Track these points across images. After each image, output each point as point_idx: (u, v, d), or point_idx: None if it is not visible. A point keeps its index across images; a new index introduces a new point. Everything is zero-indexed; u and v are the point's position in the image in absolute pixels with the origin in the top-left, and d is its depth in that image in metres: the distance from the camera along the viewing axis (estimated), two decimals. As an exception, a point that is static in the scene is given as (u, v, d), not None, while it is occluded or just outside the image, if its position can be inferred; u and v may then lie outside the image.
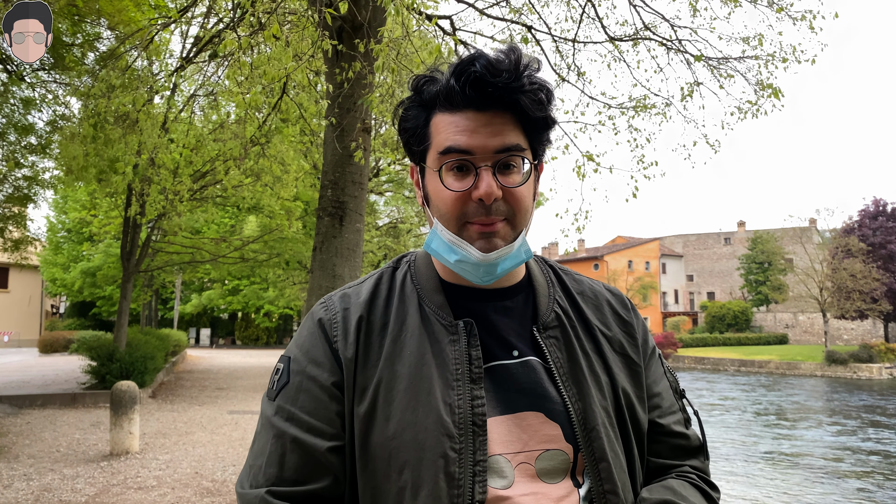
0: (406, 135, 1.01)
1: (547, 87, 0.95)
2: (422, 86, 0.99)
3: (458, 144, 0.93)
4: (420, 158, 1.01)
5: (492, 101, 0.93)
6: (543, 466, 0.94)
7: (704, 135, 8.78)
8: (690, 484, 1.03)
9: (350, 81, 4.99)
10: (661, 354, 1.15)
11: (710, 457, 1.13)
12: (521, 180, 0.96)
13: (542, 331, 1.01)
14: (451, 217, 0.96)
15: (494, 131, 0.93)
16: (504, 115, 0.94)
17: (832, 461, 13.27)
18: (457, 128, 0.94)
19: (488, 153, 0.93)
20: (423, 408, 0.91)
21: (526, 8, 7.17)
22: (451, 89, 0.93)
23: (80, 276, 25.72)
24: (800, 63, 6.88)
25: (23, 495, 5.92)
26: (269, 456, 0.95)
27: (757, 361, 37.70)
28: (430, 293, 1.02)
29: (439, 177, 0.95)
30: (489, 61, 0.91)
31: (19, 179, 12.11)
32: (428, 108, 0.98)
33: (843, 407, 21.72)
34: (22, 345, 32.70)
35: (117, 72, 7.26)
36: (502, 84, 0.91)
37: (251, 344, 39.19)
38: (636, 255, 58.58)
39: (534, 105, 0.94)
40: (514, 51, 0.93)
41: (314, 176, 12.73)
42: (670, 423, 1.07)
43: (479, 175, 0.93)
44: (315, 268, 5.15)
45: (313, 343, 1.00)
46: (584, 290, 1.12)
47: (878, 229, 41.45)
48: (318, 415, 0.95)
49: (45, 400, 11.56)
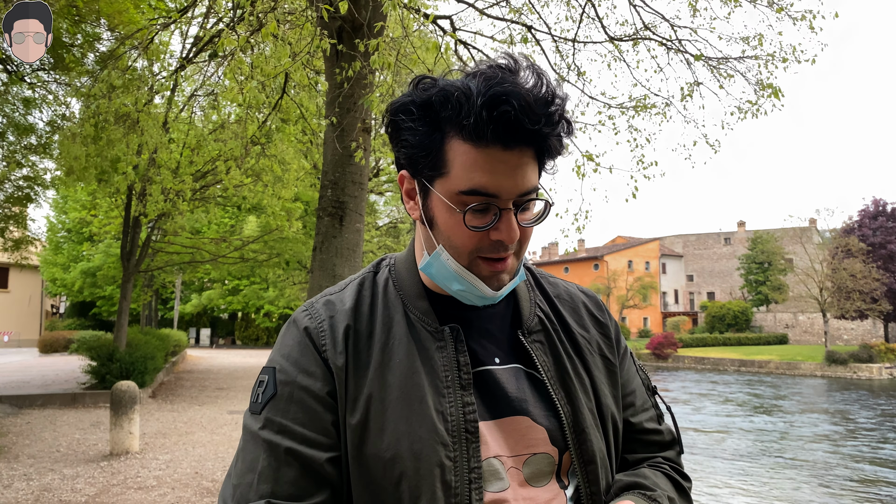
0: (411, 150, 0.92)
1: (570, 121, 0.92)
2: (433, 100, 0.89)
3: (485, 188, 0.88)
4: (426, 179, 0.94)
5: (520, 141, 0.87)
6: (531, 471, 0.94)
7: (704, 135, 8.78)
8: (662, 473, 1.05)
9: (350, 81, 4.99)
10: (632, 353, 1.17)
11: (685, 450, 1.15)
12: (534, 218, 0.95)
13: (527, 335, 1.02)
14: (464, 252, 0.93)
15: (520, 174, 0.89)
16: (528, 153, 0.89)
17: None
18: (483, 168, 0.88)
19: (512, 196, 0.90)
20: (416, 417, 0.91)
21: (526, 8, 7.17)
22: (483, 124, 0.85)
23: (80, 276, 25.74)
24: (800, 63, 6.88)
25: (23, 495, 5.92)
26: (261, 472, 0.89)
27: (757, 361, 37.70)
28: (414, 299, 1.01)
29: (462, 216, 0.90)
30: (527, 103, 0.84)
31: (19, 179, 12.12)
32: (442, 129, 0.90)
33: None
34: (22, 345, 32.71)
35: (118, 72, 7.26)
36: (534, 128, 0.86)
37: (251, 344, 39.20)
38: (636, 255, 58.58)
39: (559, 146, 0.91)
40: (547, 85, 0.87)
41: (314, 176, 12.72)
42: (643, 420, 1.09)
43: (501, 217, 0.90)
44: (315, 268, 5.15)
45: (302, 352, 0.96)
46: (560, 293, 1.13)
47: (878, 229, 41.45)
48: (314, 426, 0.92)
49: (45, 400, 11.56)
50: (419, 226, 1.01)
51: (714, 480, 11.41)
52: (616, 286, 50.50)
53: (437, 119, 0.90)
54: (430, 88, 0.90)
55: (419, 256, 1.03)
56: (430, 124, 0.91)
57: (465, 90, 0.86)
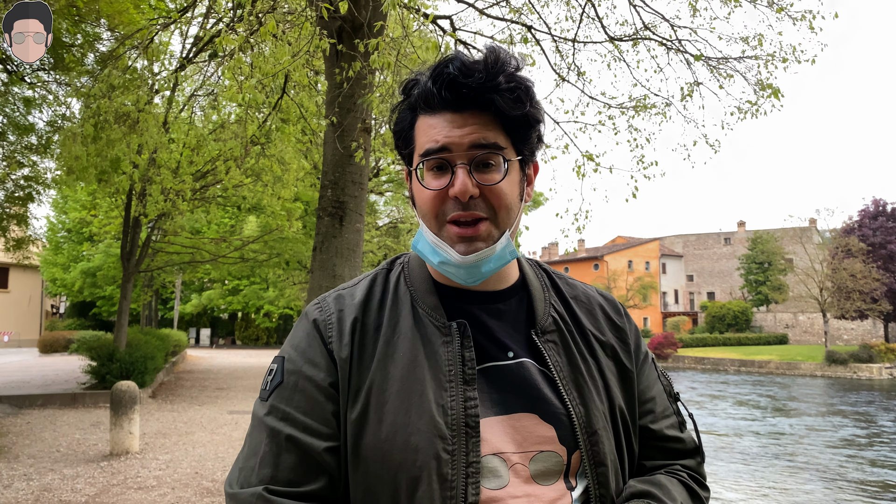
0: (396, 138, 1.03)
1: (525, 84, 0.95)
2: (410, 88, 1.00)
3: (435, 143, 0.94)
4: (407, 161, 1.02)
5: (468, 102, 0.93)
6: (538, 468, 0.94)
7: (704, 135, 8.77)
8: (679, 480, 1.04)
9: (350, 81, 4.99)
10: (654, 359, 1.16)
11: (706, 458, 1.13)
12: (499, 178, 0.95)
13: (541, 335, 1.01)
14: (431, 216, 0.97)
15: (470, 130, 0.94)
16: (482, 115, 0.94)
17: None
18: (434, 129, 0.95)
19: (463, 150, 0.94)
20: (415, 410, 0.91)
21: (526, 8, 7.17)
22: (429, 92, 0.94)
23: (81, 276, 25.73)
24: (800, 63, 6.87)
25: (23, 495, 5.92)
26: (262, 456, 0.93)
27: (757, 361, 37.71)
28: (424, 294, 1.02)
29: (418, 177, 0.97)
30: (463, 63, 0.92)
31: (20, 179, 12.12)
32: (413, 111, 1.00)
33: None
34: (22, 345, 32.71)
35: (118, 72, 7.26)
36: (476, 84, 0.92)
37: (251, 344, 39.21)
38: (636, 256, 58.58)
39: (510, 104, 0.93)
40: (492, 51, 0.94)
41: (314, 176, 12.73)
42: (663, 427, 1.08)
43: (455, 173, 0.94)
44: (315, 268, 5.15)
45: (309, 343, 1.00)
46: (577, 294, 1.12)
47: (878, 229, 41.45)
48: (314, 415, 0.94)
49: (45, 400, 11.56)
50: (414, 212, 1.05)
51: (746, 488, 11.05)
52: (616, 286, 50.49)
53: (410, 104, 1.00)
54: (410, 81, 1.01)
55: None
56: (407, 110, 1.01)
57: (424, 71, 0.98)
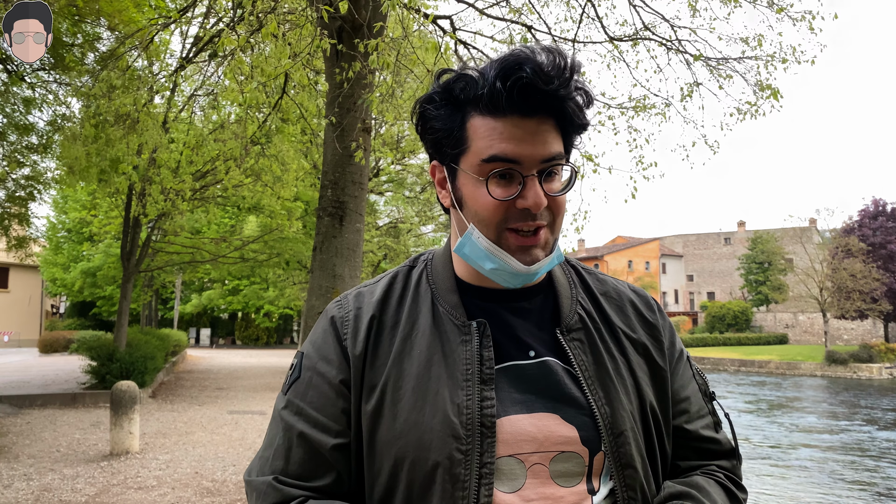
0: (436, 135, 0.97)
1: (589, 91, 0.94)
2: (452, 83, 0.94)
3: (504, 153, 0.90)
4: (452, 160, 0.97)
5: (538, 108, 0.90)
6: (558, 468, 0.92)
7: (703, 135, 8.77)
8: (716, 481, 1.01)
9: (350, 81, 4.99)
10: (689, 357, 1.12)
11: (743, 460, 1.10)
12: (561, 187, 0.95)
13: (566, 333, 0.99)
14: (491, 223, 0.93)
15: (540, 140, 0.91)
16: (548, 122, 0.92)
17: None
18: (501, 135, 0.90)
19: (535, 163, 0.91)
20: (429, 408, 0.91)
21: (526, 8, 7.17)
22: (497, 93, 0.89)
23: (81, 276, 25.73)
24: (799, 64, 6.87)
25: (23, 495, 5.93)
26: (276, 449, 0.96)
27: (757, 361, 37.70)
28: (445, 293, 1.01)
29: (486, 185, 0.92)
30: (539, 67, 0.87)
31: (20, 179, 12.12)
32: (462, 109, 0.94)
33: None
34: (22, 345, 32.70)
35: (118, 72, 7.26)
36: (551, 91, 0.88)
37: (251, 344, 39.20)
38: (636, 255, 58.61)
39: (579, 113, 0.93)
40: (560, 54, 0.90)
41: (314, 176, 12.73)
42: (698, 427, 1.05)
43: (526, 185, 0.91)
44: (315, 268, 5.15)
45: (325, 340, 1.01)
46: (607, 290, 1.09)
47: (878, 229, 41.46)
48: (325, 411, 0.95)
49: (45, 400, 11.57)
50: (452, 213, 1.02)
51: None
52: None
53: (457, 101, 0.94)
54: (451, 76, 0.96)
55: (454, 245, 1.02)
56: (451, 108, 0.95)
57: (480, 69, 0.93)
